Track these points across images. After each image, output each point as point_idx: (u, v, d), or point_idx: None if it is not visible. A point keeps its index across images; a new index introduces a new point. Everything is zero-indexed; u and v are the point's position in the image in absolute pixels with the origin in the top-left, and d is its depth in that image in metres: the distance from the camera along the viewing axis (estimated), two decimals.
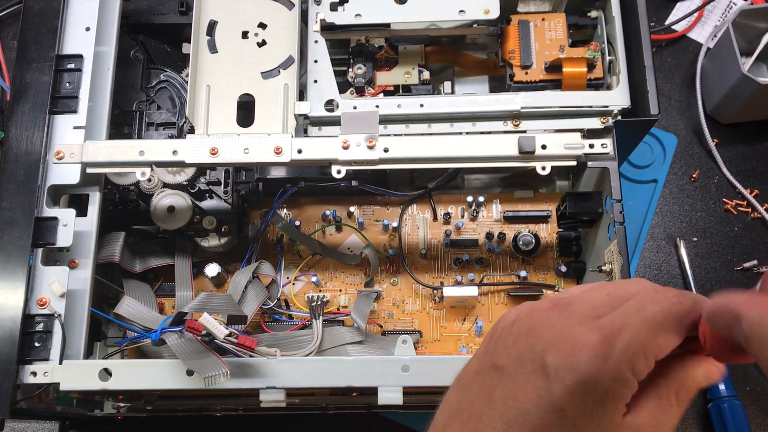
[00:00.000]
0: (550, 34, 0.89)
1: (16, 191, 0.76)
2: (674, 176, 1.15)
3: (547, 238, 0.95)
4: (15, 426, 0.99)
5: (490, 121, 0.85)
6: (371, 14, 0.86)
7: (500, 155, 0.77)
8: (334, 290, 0.94)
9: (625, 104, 0.83)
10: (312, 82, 0.86)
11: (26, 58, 0.81)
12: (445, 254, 0.95)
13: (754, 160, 1.15)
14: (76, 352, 0.73)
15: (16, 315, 0.72)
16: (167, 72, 0.95)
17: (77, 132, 0.79)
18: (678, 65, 1.21)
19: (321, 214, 0.97)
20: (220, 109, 0.84)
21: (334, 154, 0.77)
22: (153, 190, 0.90)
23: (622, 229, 0.79)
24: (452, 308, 0.93)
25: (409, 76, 0.93)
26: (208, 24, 0.87)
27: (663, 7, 1.24)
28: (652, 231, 1.12)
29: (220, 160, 0.77)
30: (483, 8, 0.85)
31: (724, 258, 1.10)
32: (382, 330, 0.92)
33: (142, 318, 0.80)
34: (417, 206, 0.97)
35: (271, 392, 0.71)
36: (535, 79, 0.88)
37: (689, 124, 1.18)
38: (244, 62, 0.86)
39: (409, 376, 0.71)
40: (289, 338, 0.86)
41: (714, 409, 1.01)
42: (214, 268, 0.90)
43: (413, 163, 0.78)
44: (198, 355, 0.70)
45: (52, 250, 0.76)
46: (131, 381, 0.72)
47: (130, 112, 0.93)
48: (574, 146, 0.77)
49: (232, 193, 0.91)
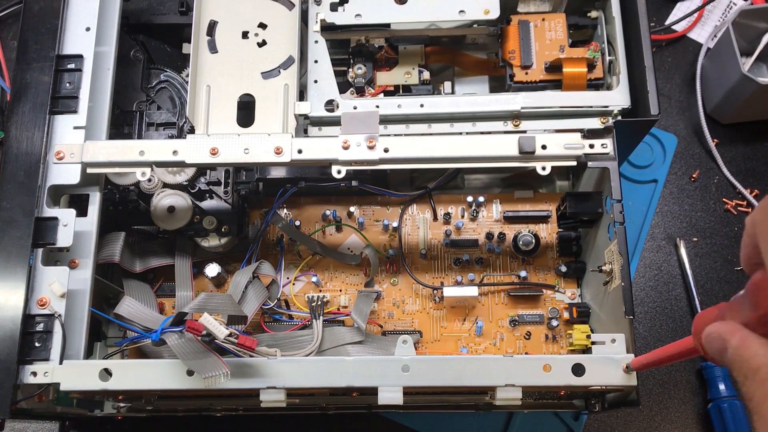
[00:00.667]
0: (550, 34, 0.89)
1: (16, 191, 0.76)
2: (674, 176, 1.15)
3: (547, 238, 0.95)
4: (15, 426, 0.99)
5: (490, 121, 0.85)
6: (371, 14, 0.87)
7: (500, 155, 0.77)
8: (334, 290, 0.94)
9: (625, 104, 0.83)
10: (312, 82, 0.86)
11: (26, 58, 0.81)
12: (445, 254, 0.95)
13: (754, 160, 1.15)
14: (76, 352, 0.73)
15: (17, 315, 0.72)
16: (167, 72, 0.95)
17: (77, 132, 0.79)
18: (678, 65, 1.21)
19: (321, 214, 0.97)
20: (220, 109, 0.84)
21: (334, 154, 0.77)
22: (153, 190, 0.90)
23: (622, 229, 0.79)
24: (452, 308, 0.93)
25: (409, 76, 0.93)
26: (208, 24, 0.87)
27: (663, 7, 1.24)
28: (652, 231, 1.12)
29: (220, 160, 0.77)
30: (483, 8, 0.85)
31: (724, 258, 1.10)
32: (382, 330, 0.92)
33: (142, 318, 0.80)
34: (417, 206, 0.97)
35: (271, 392, 0.72)
36: (535, 79, 0.88)
37: (689, 124, 1.18)
38: (244, 62, 0.86)
39: (409, 376, 0.71)
40: (289, 338, 0.86)
41: (714, 410, 1.01)
42: (214, 268, 0.90)
43: (413, 163, 0.78)
44: (198, 356, 0.70)
45: (52, 250, 0.76)
46: (131, 381, 0.72)
47: (130, 112, 0.93)
48: (574, 146, 0.77)
49: (232, 193, 0.91)
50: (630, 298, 0.76)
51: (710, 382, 1.02)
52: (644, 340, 1.07)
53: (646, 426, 1.04)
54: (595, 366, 0.71)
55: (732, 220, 1.12)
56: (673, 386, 1.05)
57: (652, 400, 1.04)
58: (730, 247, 1.11)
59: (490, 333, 0.92)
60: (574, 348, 0.85)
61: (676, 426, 1.04)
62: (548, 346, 0.91)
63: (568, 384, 0.71)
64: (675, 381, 1.05)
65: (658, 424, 1.04)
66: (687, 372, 1.05)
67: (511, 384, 0.71)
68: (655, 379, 1.05)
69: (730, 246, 1.11)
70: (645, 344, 1.06)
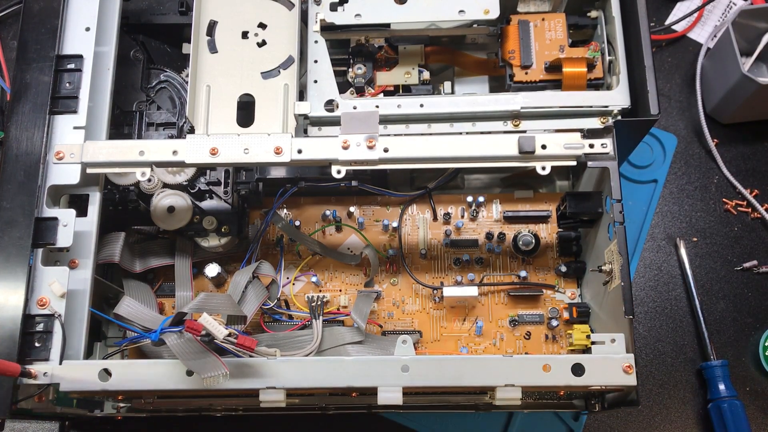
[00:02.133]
0: (550, 34, 0.89)
1: (16, 191, 0.76)
2: (674, 176, 1.15)
3: (547, 238, 0.95)
4: (15, 426, 0.99)
5: (490, 121, 0.85)
6: (371, 14, 0.87)
7: (500, 155, 0.77)
8: (334, 290, 0.94)
9: (625, 104, 0.83)
10: (312, 82, 0.86)
11: (26, 58, 0.81)
12: (445, 254, 0.95)
13: (754, 160, 1.15)
14: (76, 352, 0.73)
15: (16, 315, 0.72)
16: (167, 72, 0.95)
17: (77, 132, 0.79)
18: (678, 65, 1.21)
19: (321, 214, 0.97)
20: (220, 109, 0.84)
21: (334, 154, 0.77)
22: (153, 190, 0.90)
23: (622, 229, 0.79)
24: (452, 308, 0.93)
25: (409, 76, 0.93)
26: (208, 24, 0.87)
27: (663, 7, 1.24)
28: (652, 231, 1.12)
29: (220, 160, 0.77)
30: (483, 8, 0.85)
31: (724, 258, 1.10)
32: (382, 330, 0.92)
33: (142, 318, 0.80)
34: (417, 206, 0.97)
35: (271, 392, 0.71)
36: (535, 79, 0.88)
37: (689, 124, 1.18)
38: (244, 62, 0.86)
39: (409, 376, 0.71)
40: (289, 338, 0.86)
41: (714, 410, 1.01)
42: (214, 268, 0.90)
43: (413, 163, 0.78)
44: (198, 356, 0.70)
45: (52, 250, 0.76)
46: (131, 381, 0.72)
47: (130, 112, 0.93)
48: (574, 146, 0.77)
49: (232, 193, 0.91)
50: (630, 298, 0.76)
51: (710, 382, 1.02)
52: (644, 340, 1.07)
53: (645, 426, 1.04)
54: (595, 366, 0.71)
55: (732, 220, 1.12)
56: (673, 386, 1.05)
57: (651, 400, 1.04)
58: (730, 247, 1.11)
59: (490, 333, 0.92)
60: (574, 348, 0.85)
61: (676, 426, 1.04)
62: (548, 346, 0.91)
63: (568, 384, 0.71)
64: (675, 381, 1.05)
65: (658, 424, 1.04)
66: (687, 372, 1.05)
67: (511, 384, 0.71)
68: (655, 379, 1.05)
69: (730, 246, 1.11)
70: (645, 344, 1.06)
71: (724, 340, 1.06)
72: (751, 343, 1.06)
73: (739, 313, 1.07)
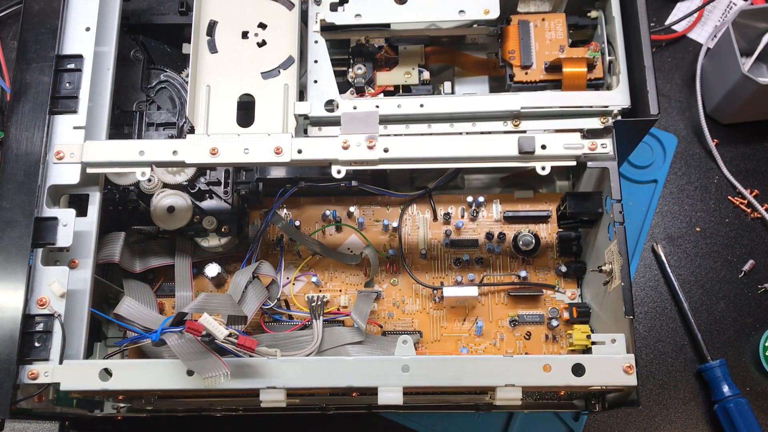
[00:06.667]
0: (550, 34, 0.89)
1: (16, 191, 0.76)
2: (674, 176, 1.15)
3: (547, 238, 0.95)
4: (15, 426, 0.99)
5: (490, 121, 0.85)
6: (371, 14, 0.87)
7: (500, 155, 0.77)
8: (334, 290, 0.94)
9: (625, 104, 0.83)
10: (312, 82, 0.86)
11: (26, 58, 0.81)
12: (445, 254, 0.95)
13: (754, 160, 1.15)
14: (76, 352, 0.73)
15: (16, 315, 0.72)
16: (167, 72, 0.95)
17: (77, 132, 0.79)
18: (678, 65, 1.21)
19: (321, 214, 0.97)
20: (220, 109, 0.84)
21: (334, 154, 0.77)
22: (153, 190, 0.90)
23: (622, 229, 0.79)
24: (452, 308, 0.93)
25: (409, 76, 0.93)
26: (208, 24, 0.87)
27: (663, 7, 1.24)
28: (652, 231, 1.12)
29: (220, 160, 0.77)
30: (483, 8, 0.85)
31: (724, 258, 1.10)
32: (382, 330, 0.92)
33: (142, 318, 0.80)
34: (417, 206, 0.97)
35: (271, 392, 0.71)
36: (535, 79, 0.88)
37: (689, 124, 1.18)
38: (244, 62, 0.86)
39: (409, 376, 0.71)
40: (289, 338, 0.86)
41: (720, 411, 1.00)
42: (214, 268, 0.90)
43: (413, 163, 0.78)
44: (198, 356, 0.70)
45: (52, 250, 0.76)
46: (131, 381, 0.72)
47: (130, 112, 0.93)
48: (574, 146, 0.77)
49: (232, 193, 0.91)
50: (630, 298, 0.76)
51: (713, 384, 1.02)
52: (644, 340, 1.07)
53: (645, 426, 1.04)
54: (595, 366, 0.71)
55: (732, 220, 1.13)
56: (673, 387, 1.05)
57: (652, 400, 1.04)
58: (730, 247, 1.11)
59: (490, 333, 0.92)
60: (574, 348, 0.85)
61: (676, 426, 1.04)
62: (548, 346, 0.91)
63: (568, 384, 0.71)
64: (675, 382, 1.05)
65: (658, 425, 1.04)
66: (686, 373, 1.05)
67: (511, 384, 0.71)
68: (655, 379, 1.05)
69: (730, 246, 1.11)
70: (645, 344, 1.06)
71: (724, 340, 1.06)
72: (750, 343, 1.06)
73: (739, 313, 1.07)
